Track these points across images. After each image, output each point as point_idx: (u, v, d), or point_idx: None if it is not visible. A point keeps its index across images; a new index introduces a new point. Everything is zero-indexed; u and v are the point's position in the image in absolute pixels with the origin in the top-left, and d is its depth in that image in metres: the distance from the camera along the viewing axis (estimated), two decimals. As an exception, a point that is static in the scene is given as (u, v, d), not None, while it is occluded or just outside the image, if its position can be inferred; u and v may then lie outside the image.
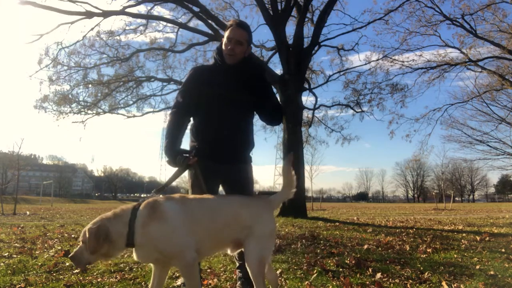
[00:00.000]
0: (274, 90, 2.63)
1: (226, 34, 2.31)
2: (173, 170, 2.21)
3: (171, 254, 1.79)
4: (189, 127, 2.42)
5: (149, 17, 13.98)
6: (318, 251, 4.50)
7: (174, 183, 2.51)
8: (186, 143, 2.39)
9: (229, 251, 2.04)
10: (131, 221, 1.77)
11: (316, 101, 15.47)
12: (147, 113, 16.24)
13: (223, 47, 2.31)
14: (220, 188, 2.48)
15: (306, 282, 2.87)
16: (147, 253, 1.80)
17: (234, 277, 2.69)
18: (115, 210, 1.86)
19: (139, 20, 14.65)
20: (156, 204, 1.85)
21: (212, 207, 1.96)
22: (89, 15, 12.10)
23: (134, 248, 1.80)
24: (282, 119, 2.55)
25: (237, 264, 2.45)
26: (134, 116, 16.03)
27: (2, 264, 3.67)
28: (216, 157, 2.30)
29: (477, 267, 3.47)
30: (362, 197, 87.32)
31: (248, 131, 2.43)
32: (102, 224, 1.76)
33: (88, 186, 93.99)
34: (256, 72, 2.41)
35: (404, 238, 5.84)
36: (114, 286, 2.84)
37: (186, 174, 2.33)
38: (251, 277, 1.90)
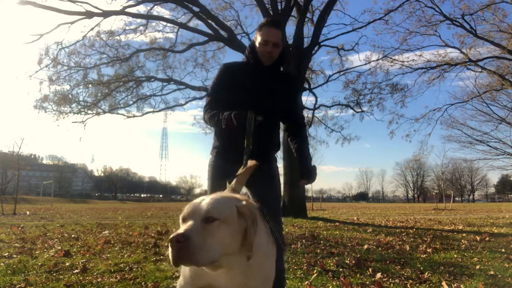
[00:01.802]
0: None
1: (260, 34, 2.18)
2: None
3: None
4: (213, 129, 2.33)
5: (149, 17, 13.98)
6: (318, 251, 4.50)
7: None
8: (209, 146, 2.33)
9: None
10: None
11: (316, 101, 15.49)
12: (147, 113, 16.23)
13: (258, 47, 2.19)
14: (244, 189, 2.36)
15: (306, 282, 2.87)
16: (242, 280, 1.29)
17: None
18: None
19: (139, 20, 14.66)
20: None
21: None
22: (89, 15, 12.10)
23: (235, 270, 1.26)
24: (302, 135, 2.36)
25: None
26: (134, 116, 16.01)
27: (2, 264, 3.67)
28: (236, 158, 2.10)
29: (477, 267, 3.47)
30: (362, 197, 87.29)
31: (273, 132, 2.35)
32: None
33: (88, 186, 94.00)
34: (289, 78, 2.36)
35: (404, 238, 5.84)
36: (114, 286, 2.84)
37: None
38: None
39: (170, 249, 1.07)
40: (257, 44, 2.20)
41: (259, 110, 2.11)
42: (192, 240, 1.06)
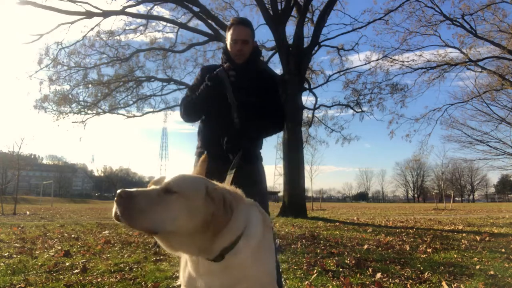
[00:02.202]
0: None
1: (229, 34, 2.22)
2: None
3: None
4: (196, 129, 2.35)
5: (149, 17, 13.98)
6: (318, 251, 4.50)
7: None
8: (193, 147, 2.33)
9: None
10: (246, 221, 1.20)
11: (316, 101, 15.51)
12: (147, 113, 16.25)
13: (229, 48, 2.23)
14: None
15: (306, 282, 2.87)
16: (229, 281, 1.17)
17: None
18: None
19: (139, 20, 14.68)
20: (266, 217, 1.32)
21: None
22: (89, 15, 12.11)
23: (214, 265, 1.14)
24: (277, 129, 2.35)
25: None
26: (134, 116, 16.02)
27: (2, 264, 3.67)
28: (220, 157, 2.11)
29: (477, 267, 3.47)
30: (362, 197, 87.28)
31: (252, 131, 2.27)
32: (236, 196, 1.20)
33: (88, 186, 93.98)
34: (265, 74, 2.34)
35: (404, 238, 5.84)
36: (114, 286, 2.84)
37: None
38: None
39: (115, 203, 1.05)
40: (228, 45, 2.24)
41: (235, 107, 2.15)
42: (135, 200, 1.02)
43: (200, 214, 1.07)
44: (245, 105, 2.20)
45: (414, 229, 7.47)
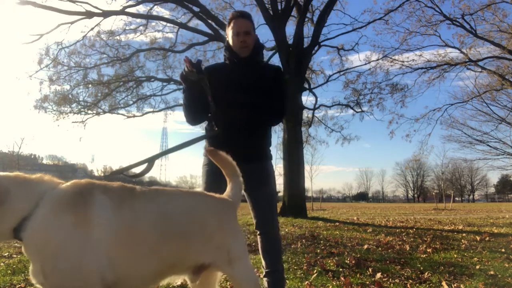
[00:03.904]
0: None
1: (230, 28, 2.20)
2: None
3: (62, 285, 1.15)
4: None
5: (149, 17, 13.98)
6: (318, 251, 4.50)
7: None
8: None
9: (188, 282, 1.53)
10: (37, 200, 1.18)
11: (316, 101, 15.49)
12: (147, 113, 16.25)
13: (232, 42, 2.20)
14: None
15: (306, 282, 2.87)
16: (34, 266, 1.16)
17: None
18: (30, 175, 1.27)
19: (139, 20, 14.67)
20: (88, 192, 1.24)
21: (166, 210, 1.35)
22: (89, 15, 12.11)
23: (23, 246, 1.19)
24: (274, 121, 2.36)
25: (264, 272, 2.24)
26: (134, 116, 16.02)
27: (2, 264, 3.67)
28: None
29: (477, 267, 3.47)
30: (362, 197, 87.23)
31: (261, 126, 2.27)
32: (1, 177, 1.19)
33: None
34: (270, 66, 2.37)
35: (404, 238, 5.85)
36: (114, 286, 2.84)
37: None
38: None
39: None
40: (230, 40, 2.22)
41: (242, 103, 2.12)
42: None
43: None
44: (253, 100, 2.16)
45: (414, 229, 7.47)
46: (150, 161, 1.86)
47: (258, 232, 2.27)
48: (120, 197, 1.29)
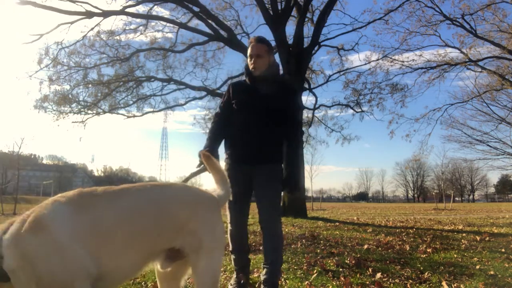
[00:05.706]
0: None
1: (248, 51, 2.63)
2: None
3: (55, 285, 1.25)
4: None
5: (149, 17, 13.97)
6: (318, 251, 4.50)
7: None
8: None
9: (159, 267, 1.57)
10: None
11: (316, 101, 15.48)
12: (147, 113, 16.21)
13: (248, 63, 2.64)
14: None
15: (306, 282, 2.87)
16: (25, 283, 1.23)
17: (234, 276, 2.69)
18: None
19: (139, 20, 14.65)
20: (38, 213, 1.34)
21: (131, 206, 1.44)
22: (89, 15, 12.10)
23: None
24: (295, 138, 2.70)
25: (264, 270, 2.48)
26: (134, 116, 15.99)
27: None
28: (243, 159, 2.58)
29: (477, 267, 3.47)
30: (362, 197, 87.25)
31: (273, 132, 2.62)
32: None
33: (88, 186, 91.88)
34: (281, 83, 2.71)
35: (404, 238, 5.84)
36: (114, 286, 2.84)
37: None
38: None
39: None
40: (248, 63, 2.67)
41: (258, 112, 2.54)
42: None
43: None
44: (266, 111, 2.56)
45: (414, 229, 7.47)
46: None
47: (261, 227, 2.59)
48: (77, 202, 1.39)
